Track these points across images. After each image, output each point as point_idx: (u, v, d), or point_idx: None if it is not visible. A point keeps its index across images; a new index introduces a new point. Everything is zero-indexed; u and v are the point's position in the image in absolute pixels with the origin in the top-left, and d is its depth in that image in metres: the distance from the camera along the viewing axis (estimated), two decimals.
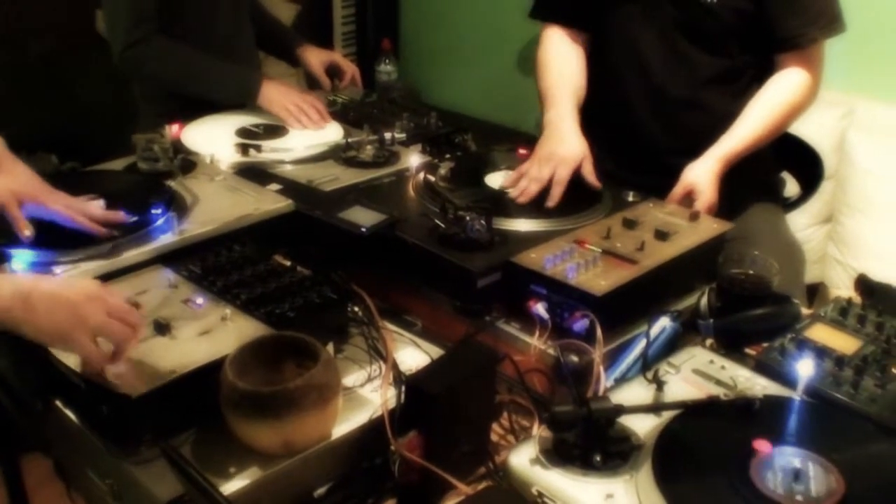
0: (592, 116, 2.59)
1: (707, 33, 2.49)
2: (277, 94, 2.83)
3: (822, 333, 1.76)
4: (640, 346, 1.76)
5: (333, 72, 3.33)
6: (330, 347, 1.64)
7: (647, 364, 1.68)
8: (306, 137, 2.65)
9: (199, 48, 2.98)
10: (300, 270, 1.81)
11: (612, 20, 2.61)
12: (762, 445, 1.38)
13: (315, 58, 3.33)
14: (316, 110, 2.78)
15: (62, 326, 1.41)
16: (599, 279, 1.78)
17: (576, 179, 2.30)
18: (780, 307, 1.84)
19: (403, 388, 1.52)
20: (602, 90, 2.56)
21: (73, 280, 1.52)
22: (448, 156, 2.52)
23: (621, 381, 1.70)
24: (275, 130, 2.71)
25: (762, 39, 2.48)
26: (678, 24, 2.51)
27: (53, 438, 1.64)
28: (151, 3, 2.90)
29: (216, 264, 1.83)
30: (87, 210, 1.94)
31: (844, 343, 1.73)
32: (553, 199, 2.24)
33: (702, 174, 2.37)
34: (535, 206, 2.20)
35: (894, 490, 1.29)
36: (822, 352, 1.68)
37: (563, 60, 2.70)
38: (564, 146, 2.37)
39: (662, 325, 1.81)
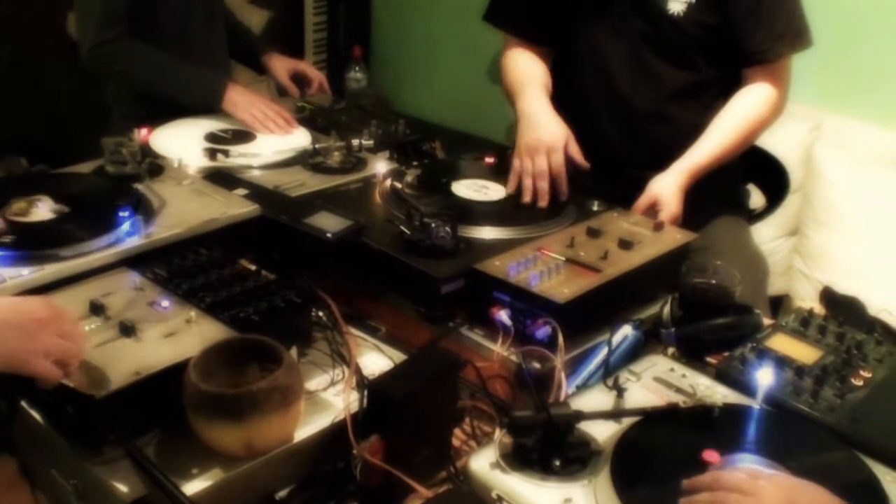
0: None
1: (674, 47, 2.51)
2: (242, 99, 2.83)
3: (782, 343, 1.78)
4: (602, 353, 1.77)
5: (300, 80, 3.32)
6: (293, 351, 1.65)
7: (608, 371, 1.69)
8: (274, 143, 2.65)
9: (172, 53, 2.99)
10: (265, 275, 1.81)
11: (578, 33, 2.63)
12: (712, 457, 1.40)
13: (280, 65, 3.33)
14: (282, 118, 2.78)
15: (16, 353, 1.39)
16: (562, 287, 1.79)
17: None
18: (741, 317, 1.86)
19: (366, 393, 1.53)
20: (567, 102, 2.57)
21: (23, 303, 1.50)
22: (415, 163, 2.53)
23: (583, 388, 1.71)
24: (243, 136, 2.71)
25: (729, 53, 2.50)
26: (645, 37, 2.53)
27: (19, 439, 1.64)
28: (122, 5, 2.90)
29: (182, 267, 1.83)
30: None
31: (805, 353, 1.75)
32: (563, 193, 2.28)
33: (666, 186, 2.39)
34: (499, 214, 2.21)
35: (851, 498, 1.30)
36: (782, 361, 1.70)
37: (528, 60, 2.72)
38: (547, 132, 2.38)
39: (625, 333, 1.82)
